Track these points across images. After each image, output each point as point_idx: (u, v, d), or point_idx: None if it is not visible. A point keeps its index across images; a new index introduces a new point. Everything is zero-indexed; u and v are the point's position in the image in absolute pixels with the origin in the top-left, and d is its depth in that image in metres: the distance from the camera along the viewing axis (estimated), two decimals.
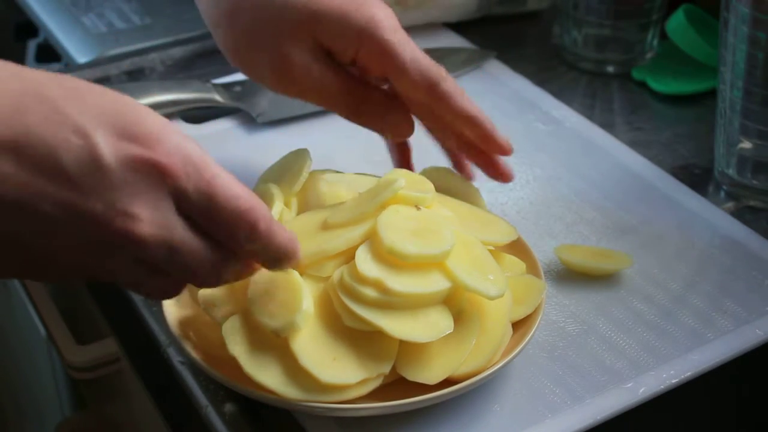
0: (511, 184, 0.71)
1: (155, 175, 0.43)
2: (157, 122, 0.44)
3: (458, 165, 0.66)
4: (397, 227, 0.54)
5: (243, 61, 0.62)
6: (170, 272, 0.46)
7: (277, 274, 0.53)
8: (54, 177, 0.41)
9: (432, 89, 0.60)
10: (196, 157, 0.45)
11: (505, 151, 0.63)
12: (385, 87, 0.63)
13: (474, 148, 0.63)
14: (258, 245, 0.47)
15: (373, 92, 0.62)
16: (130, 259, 0.44)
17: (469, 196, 0.62)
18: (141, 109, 0.44)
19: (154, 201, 0.43)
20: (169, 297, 0.48)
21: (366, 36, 0.59)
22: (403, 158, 0.66)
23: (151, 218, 0.43)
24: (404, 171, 0.61)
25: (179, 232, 0.45)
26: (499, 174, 0.64)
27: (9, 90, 0.42)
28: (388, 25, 0.60)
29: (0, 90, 0.41)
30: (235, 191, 0.46)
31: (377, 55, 0.59)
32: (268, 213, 0.47)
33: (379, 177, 0.61)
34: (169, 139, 0.44)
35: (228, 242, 0.47)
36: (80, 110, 0.42)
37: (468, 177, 0.66)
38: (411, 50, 0.60)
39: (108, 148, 0.42)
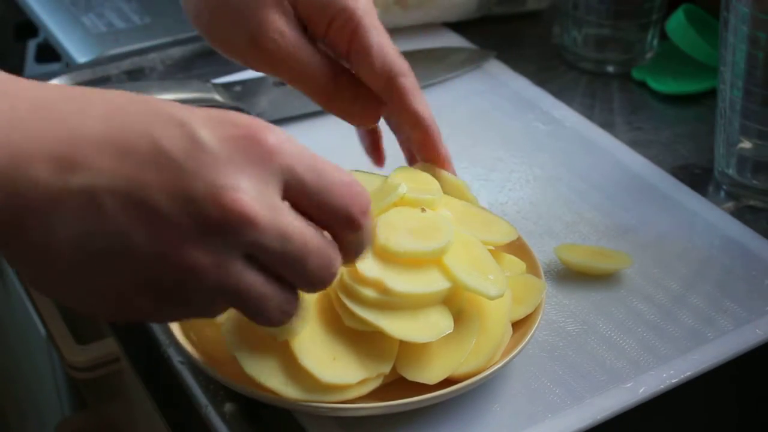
0: (511, 184, 0.71)
1: (259, 152, 0.42)
2: (249, 117, 0.43)
3: (412, 160, 0.65)
4: (396, 226, 0.54)
5: (216, 27, 0.61)
6: (285, 273, 0.43)
7: None
8: (157, 163, 0.40)
9: (390, 81, 0.59)
10: (294, 140, 0.43)
11: (442, 164, 0.62)
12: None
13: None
14: (363, 230, 0.45)
15: (344, 74, 0.61)
16: (244, 253, 0.42)
17: (457, 190, 0.62)
18: (227, 110, 0.44)
19: (259, 178, 0.41)
20: (288, 317, 0.45)
21: (339, 10, 0.58)
22: (372, 143, 0.66)
23: (258, 196, 0.41)
24: (411, 169, 0.61)
25: (287, 216, 0.42)
26: None
27: (101, 97, 0.42)
28: (364, 6, 0.59)
29: (92, 97, 0.42)
30: (338, 168, 0.44)
31: (347, 33, 0.59)
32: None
33: (380, 175, 0.62)
34: (265, 123, 0.43)
35: (337, 226, 0.44)
36: (174, 107, 0.42)
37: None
38: (379, 36, 0.59)
39: (207, 131, 0.41)
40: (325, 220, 0.44)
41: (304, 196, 0.43)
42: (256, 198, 0.41)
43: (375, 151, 0.66)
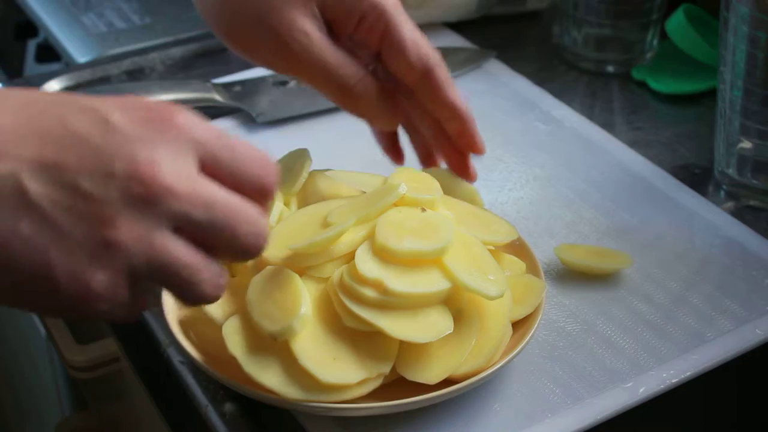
0: (511, 184, 0.71)
1: (170, 130, 0.43)
2: (158, 101, 0.45)
3: (427, 160, 0.66)
4: (395, 226, 0.54)
5: (239, 29, 0.61)
6: (216, 242, 0.44)
7: (277, 276, 0.53)
8: (75, 147, 0.41)
9: (426, 74, 0.60)
10: (203, 120, 0.45)
11: (479, 150, 0.63)
12: (371, 68, 0.62)
13: (447, 143, 0.63)
14: (274, 192, 0.47)
15: (367, 76, 0.61)
16: (171, 225, 0.43)
17: (468, 196, 0.62)
18: (137, 97, 0.45)
19: (174, 152, 0.43)
20: (221, 291, 0.45)
21: (369, 7, 0.59)
22: (390, 143, 0.66)
23: (175, 168, 0.42)
24: (411, 169, 0.61)
25: (207, 185, 0.43)
26: (466, 174, 0.64)
27: (13, 93, 0.43)
28: (393, 2, 0.60)
29: (5, 94, 0.43)
30: (247, 143, 0.46)
31: (378, 30, 0.59)
32: None
33: (380, 176, 0.62)
34: (174, 105, 0.44)
35: (252, 195, 0.45)
36: (84, 98, 0.43)
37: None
38: (412, 31, 0.60)
39: (118, 114, 0.43)
40: (240, 191, 0.45)
41: (218, 169, 0.44)
42: (174, 169, 0.42)
43: (393, 149, 0.66)
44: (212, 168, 0.44)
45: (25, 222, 0.41)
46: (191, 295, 0.45)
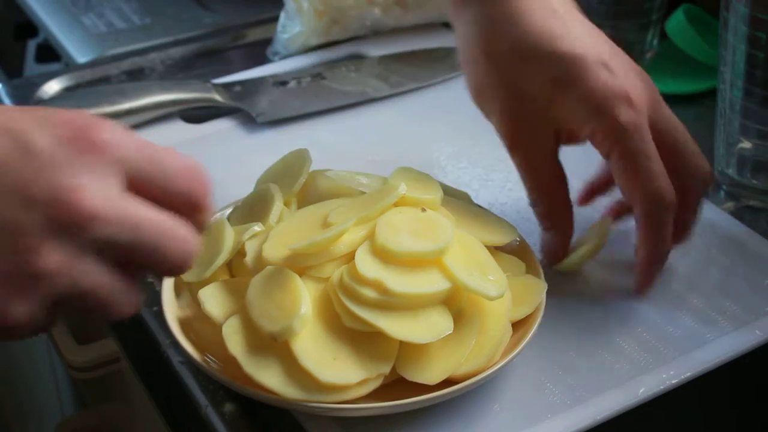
0: (511, 184, 0.71)
1: (93, 149, 0.41)
2: (81, 114, 0.43)
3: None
4: (395, 226, 0.54)
5: (483, 98, 0.64)
6: (144, 261, 0.43)
7: (277, 276, 0.53)
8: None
9: (646, 210, 0.59)
10: (130, 133, 0.43)
11: (639, 290, 0.62)
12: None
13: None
14: (206, 210, 0.45)
15: (567, 201, 0.63)
16: (96, 250, 0.41)
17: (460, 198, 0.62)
18: (68, 111, 0.43)
19: (98, 174, 0.41)
20: (135, 308, 0.44)
21: (601, 115, 0.60)
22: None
23: (100, 191, 0.41)
24: (411, 169, 0.61)
25: (133, 205, 0.42)
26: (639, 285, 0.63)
27: None
28: (626, 120, 0.60)
29: None
30: (177, 154, 0.44)
31: (608, 139, 0.60)
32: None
33: (381, 176, 0.62)
34: (98, 119, 0.43)
35: (183, 209, 0.44)
36: (4, 114, 0.42)
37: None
38: (647, 159, 0.59)
39: (37, 135, 0.41)
40: (171, 206, 0.44)
41: (146, 185, 0.43)
42: (98, 193, 0.41)
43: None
44: (140, 184, 0.43)
45: None
46: (106, 314, 0.43)
